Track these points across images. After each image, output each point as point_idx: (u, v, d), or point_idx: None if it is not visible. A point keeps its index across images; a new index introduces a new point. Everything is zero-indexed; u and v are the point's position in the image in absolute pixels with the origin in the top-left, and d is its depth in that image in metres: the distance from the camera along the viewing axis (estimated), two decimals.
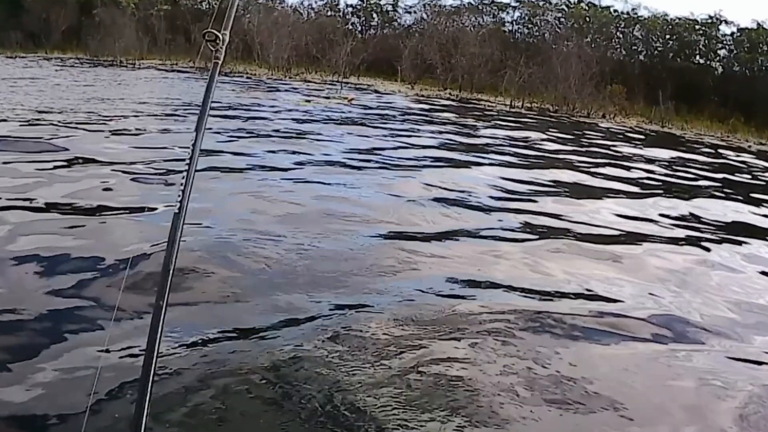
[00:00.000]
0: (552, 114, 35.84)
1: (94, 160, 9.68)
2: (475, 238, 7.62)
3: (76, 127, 12.73)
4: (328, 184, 9.75)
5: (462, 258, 6.69)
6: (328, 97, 27.79)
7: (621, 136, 26.54)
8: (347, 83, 39.64)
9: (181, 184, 2.24)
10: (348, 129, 17.30)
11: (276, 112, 20.04)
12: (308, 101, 24.78)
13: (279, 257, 5.95)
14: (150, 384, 1.98)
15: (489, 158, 14.74)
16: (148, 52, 46.51)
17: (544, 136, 21.72)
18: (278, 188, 9.03)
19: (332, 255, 6.21)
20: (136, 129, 13.36)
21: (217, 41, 2.31)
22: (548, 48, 43.97)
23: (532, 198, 10.52)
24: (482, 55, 43.07)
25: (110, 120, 14.37)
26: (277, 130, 15.40)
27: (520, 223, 8.62)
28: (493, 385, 4.03)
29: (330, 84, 38.11)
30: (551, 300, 5.74)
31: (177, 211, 2.21)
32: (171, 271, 2.15)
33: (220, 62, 2.35)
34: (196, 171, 2.30)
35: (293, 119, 18.41)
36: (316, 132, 15.77)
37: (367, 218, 7.80)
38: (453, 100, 36.66)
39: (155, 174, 9.06)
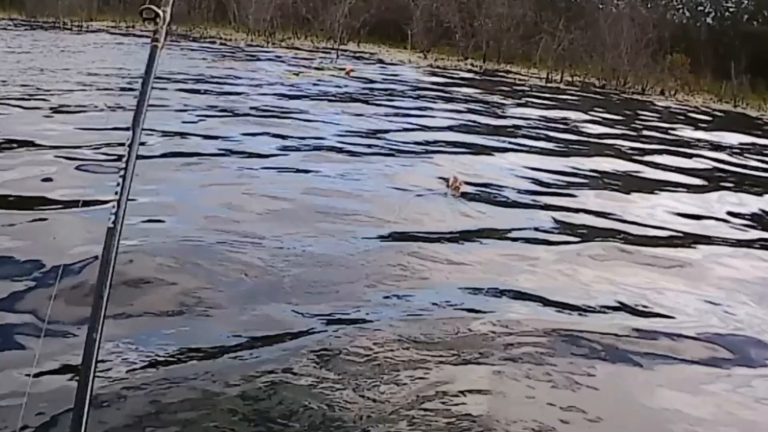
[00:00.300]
0: (598, 90, 35.97)
1: (31, 144, 9.73)
2: (498, 240, 7.68)
3: (8, 104, 12.81)
4: (320, 174, 9.82)
5: (482, 264, 6.73)
6: (320, 68, 27.88)
7: (682, 118, 26.61)
8: (345, 51, 39.77)
9: (116, 192, 2.21)
10: (345, 107, 17.39)
11: (256, 86, 20.14)
12: (296, 74, 24.85)
13: (259, 263, 5.98)
14: (85, 417, 1.99)
15: (518, 143, 14.81)
16: (98, 12, 46.81)
17: (587, 117, 21.80)
18: (258, 179, 9.08)
19: (324, 260, 6.25)
20: (83, 106, 13.43)
21: (157, 19, 2.30)
22: (594, 8, 44.10)
23: (570, 192, 10.58)
24: (512, 16, 43.21)
25: (51, 95, 14.45)
26: (257, 108, 15.47)
27: (555, 222, 8.67)
28: (518, 423, 4.04)
29: (323, 52, 38.26)
30: (591, 316, 5.78)
31: (111, 225, 2.17)
32: (105, 299, 2.10)
33: (160, 45, 2.33)
34: (137, 160, 2.31)
35: (277, 95, 18.49)
36: (305, 111, 15.83)
37: (367, 216, 7.87)
38: (475, 73, 36.79)
39: (104, 160, 9.09)
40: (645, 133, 19.92)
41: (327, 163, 10.55)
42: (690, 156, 16.22)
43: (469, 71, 37.47)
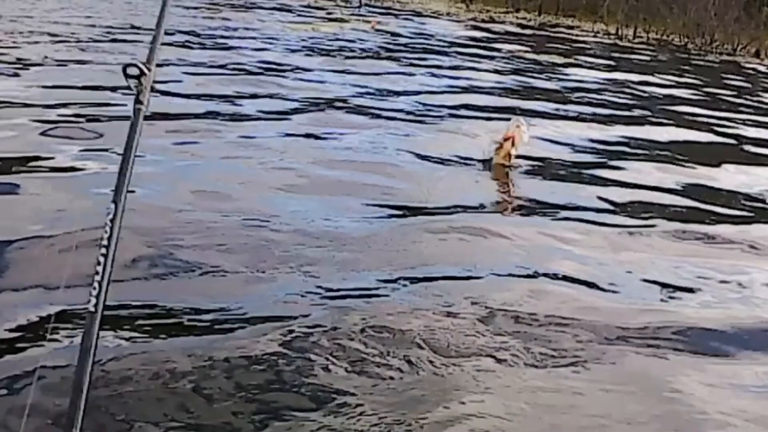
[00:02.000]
0: (678, 49, 35.83)
1: None
2: (542, 217, 7.92)
3: None
4: (332, 140, 10.14)
5: (524, 242, 6.97)
6: (341, 20, 28.04)
7: None
8: (370, 2, 39.69)
9: (97, 272, 2.31)
10: (366, 65, 17.70)
11: (258, 38, 20.41)
12: (312, 27, 24.88)
13: (260, 241, 6.27)
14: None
15: (572, 110, 14.95)
16: None
17: (662, 81, 21.84)
18: (262, 148, 9.36)
19: (337, 237, 6.55)
20: (52, 60, 13.76)
21: (142, 78, 2.47)
22: None
23: (634, 165, 10.81)
24: None
25: (11, 47, 14.78)
26: (259, 65, 15.79)
27: (614, 198, 8.85)
28: (563, 413, 4.29)
29: (344, 1, 38.28)
30: (666, 306, 5.98)
31: (93, 309, 2.30)
32: (85, 391, 2.24)
33: (143, 107, 2.50)
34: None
35: (284, 50, 18.74)
36: (315, 69, 16.13)
37: (389, 190, 8.18)
38: (527, 27, 36.82)
39: (77, 122, 9.42)
40: (734, 100, 19.95)
41: (341, 128, 10.82)
42: None
43: (520, 25, 37.57)
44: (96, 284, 2.29)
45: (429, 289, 5.75)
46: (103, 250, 2.33)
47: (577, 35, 35.67)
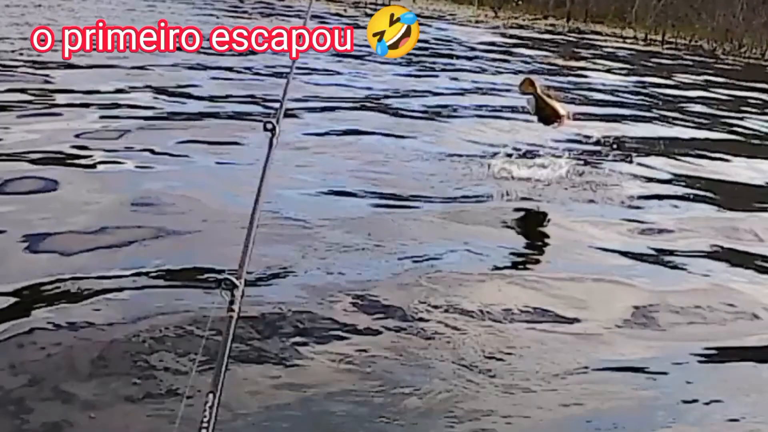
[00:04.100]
0: (706, 53, 36.19)
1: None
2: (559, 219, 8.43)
3: None
4: (365, 136, 11.02)
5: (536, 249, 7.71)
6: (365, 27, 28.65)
7: None
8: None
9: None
10: (391, 69, 18.61)
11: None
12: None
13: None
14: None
15: (593, 111, 15.60)
16: None
17: (686, 83, 22.45)
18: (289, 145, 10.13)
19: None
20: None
21: (235, 291, 2.74)
22: None
23: (655, 160, 11.49)
24: None
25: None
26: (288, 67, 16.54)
27: (631, 193, 9.50)
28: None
29: (370, 8, 38.81)
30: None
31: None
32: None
33: (235, 316, 2.72)
34: None
35: (314, 54, 19.51)
36: (344, 72, 17.17)
37: (416, 182, 8.95)
38: (555, 33, 37.30)
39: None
40: (754, 102, 20.52)
41: (372, 128, 11.66)
42: None
43: (548, 31, 38.00)
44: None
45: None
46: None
47: (604, 40, 36.12)
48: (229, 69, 16.06)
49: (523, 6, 45.32)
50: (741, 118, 16.91)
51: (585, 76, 21.85)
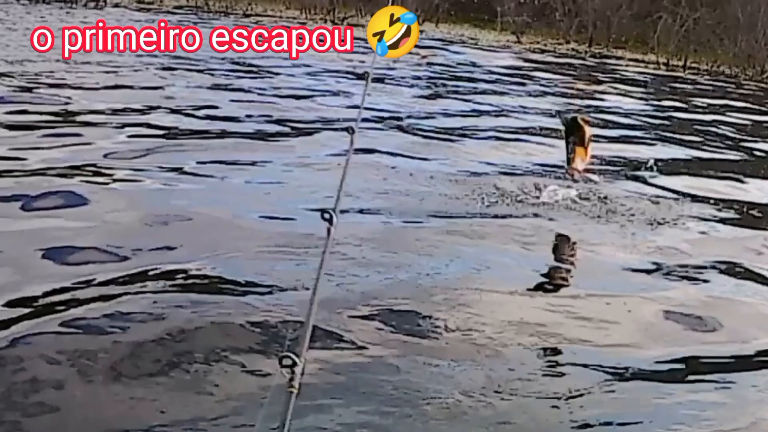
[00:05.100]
0: (728, 79, 36.27)
1: None
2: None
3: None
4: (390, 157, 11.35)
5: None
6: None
7: None
8: (420, 33, 40.20)
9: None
10: (414, 92, 18.89)
11: (313, 66, 21.69)
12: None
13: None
14: None
15: (610, 133, 15.84)
16: None
17: (706, 107, 22.68)
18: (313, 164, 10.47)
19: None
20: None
21: (294, 367, 2.68)
22: None
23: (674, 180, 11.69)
24: None
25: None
26: (312, 90, 17.04)
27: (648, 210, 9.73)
28: None
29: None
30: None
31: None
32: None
33: (295, 392, 2.67)
34: None
35: (338, 77, 20.00)
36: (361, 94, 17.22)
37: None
38: (577, 58, 37.52)
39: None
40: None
41: (390, 147, 12.00)
42: None
43: (570, 56, 38.23)
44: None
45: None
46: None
47: (626, 65, 36.26)
48: (247, 90, 16.38)
49: (545, 31, 45.50)
50: (757, 141, 17.10)
51: (603, 99, 22.10)
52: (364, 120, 13.70)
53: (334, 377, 4.90)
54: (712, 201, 10.33)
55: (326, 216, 3.43)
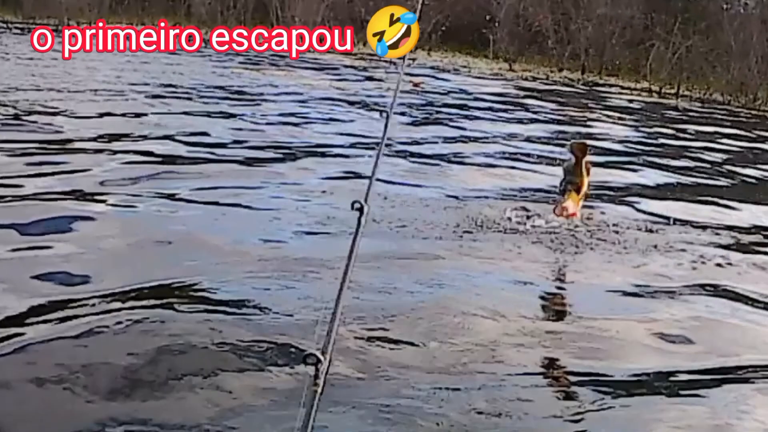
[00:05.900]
0: (721, 107, 36.37)
1: None
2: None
3: None
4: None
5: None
6: (380, 80, 29.25)
7: None
8: (413, 60, 40.07)
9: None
10: (404, 119, 19.11)
11: (303, 93, 21.91)
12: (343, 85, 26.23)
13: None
14: None
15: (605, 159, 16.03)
16: (111, 13, 47.55)
17: (696, 135, 22.90)
18: (306, 188, 10.65)
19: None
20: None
21: (319, 365, 2.76)
22: (716, 9, 43.93)
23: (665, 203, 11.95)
24: (616, 18, 43.77)
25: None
26: (306, 117, 17.36)
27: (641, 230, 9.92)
28: None
29: (386, 61, 38.99)
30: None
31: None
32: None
33: (319, 390, 2.77)
34: None
35: (332, 105, 20.21)
36: (356, 120, 17.80)
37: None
38: (568, 86, 37.65)
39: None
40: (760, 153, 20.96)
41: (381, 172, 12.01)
42: None
43: (562, 84, 38.41)
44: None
45: None
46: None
47: (618, 93, 36.44)
48: (239, 117, 16.70)
49: (537, 59, 45.64)
50: (746, 167, 17.29)
51: (593, 126, 22.32)
52: (354, 145, 14.02)
53: (327, 397, 4.99)
54: (699, 225, 10.48)
55: (357, 206, 3.69)
